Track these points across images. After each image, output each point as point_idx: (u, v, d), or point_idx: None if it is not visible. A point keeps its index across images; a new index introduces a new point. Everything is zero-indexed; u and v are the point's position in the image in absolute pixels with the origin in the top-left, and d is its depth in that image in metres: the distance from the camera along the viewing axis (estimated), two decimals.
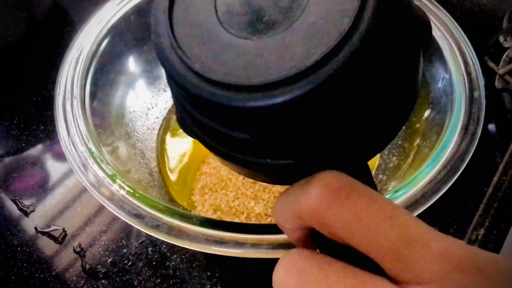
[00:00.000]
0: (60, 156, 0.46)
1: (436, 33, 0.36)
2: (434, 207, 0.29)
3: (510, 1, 0.55)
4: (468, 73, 0.34)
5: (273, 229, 0.27)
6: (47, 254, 0.39)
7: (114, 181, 0.30)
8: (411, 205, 0.28)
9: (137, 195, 0.29)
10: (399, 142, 0.39)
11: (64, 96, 0.34)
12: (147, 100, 0.45)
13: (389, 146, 0.40)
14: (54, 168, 0.45)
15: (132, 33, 0.42)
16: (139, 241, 0.39)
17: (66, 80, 0.35)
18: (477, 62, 0.35)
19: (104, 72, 0.39)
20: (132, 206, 0.29)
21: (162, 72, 0.46)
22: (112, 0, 0.41)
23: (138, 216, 0.28)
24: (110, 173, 0.31)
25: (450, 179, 0.29)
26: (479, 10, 0.55)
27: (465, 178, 0.30)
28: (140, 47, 0.43)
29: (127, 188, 0.30)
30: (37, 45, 0.55)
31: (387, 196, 0.28)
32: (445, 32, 0.36)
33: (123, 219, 0.29)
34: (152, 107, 0.45)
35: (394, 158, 0.39)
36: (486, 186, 0.40)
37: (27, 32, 0.54)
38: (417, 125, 0.37)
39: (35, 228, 0.40)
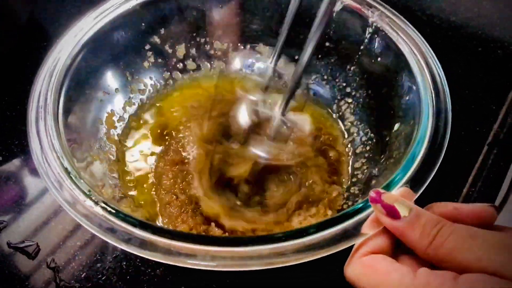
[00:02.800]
0: (34, 172, 0.45)
1: (404, 48, 0.38)
2: None
3: (478, 19, 0.57)
4: (435, 87, 0.35)
5: (245, 241, 0.28)
6: (20, 270, 0.38)
7: (87, 196, 0.30)
8: None
9: (109, 209, 0.29)
10: (371, 155, 0.40)
11: (37, 111, 0.34)
12: (121, 115, 0.45)
13: (363, 160, 0.41)
14: (28, 183, 0.44)
15: (108, 48, 0.42)
16: (113, 255, 0.38)
17: (40, 95, 0.35)
18: (444, 76, 0.36)
19: (79, 87, 0.39)
20: (105, 220, 0.29)
21: (138, 87, 0.46)
22: (88, 15, 0.41)
23: (111, 230, 0.28)
24: (83, 188, 0.30)
25: (419, 189, 0.30)
26: (449, 27, 0.56)
27: (436, 190, 0.31)
28: (115, 62, 0.44)
29: (100, 203, 0.29)
30: (13, 60, 0.54)
31: (358, 207, 0.29)
32: (413, 47, 0.38)
33: (96, 233, 0.28)
34: None
35: (366, 170, 0.40)
36: (456, 198, 0.41)
37: (2, 47, 0.53)
38: (387, 138, 0.38)
39: (8, 244, 0.40)
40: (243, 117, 0.39)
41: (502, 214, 0.53)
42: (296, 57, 0.41)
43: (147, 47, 0.46)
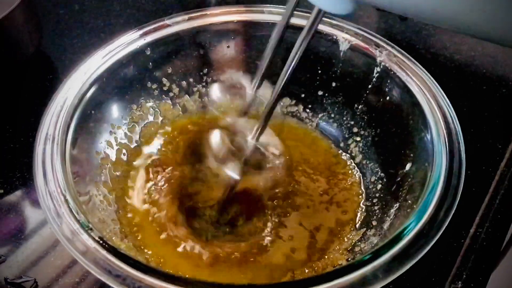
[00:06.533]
0: (35, 205, 0.45)
1: (414, 88, 0.38)
2: None
3: (482, 57, 0.58)
4: (448, 127, 0.35)
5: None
6: None
7: (94, 239, 0.29)
8: (396, 261, 0.28)
9: (118, 255, 0.28)
10: (382, 195, 0.40)
11: (44, 148, 0.34)
12: (126, 149, 0.45)
13: (374, 200, 0.41)
14: (29, 216, 0.44)
15: (114, 86, 0.42)
16: None
17: (48, 131, 0.35)
18: (455, 116, 0.36)
19: (85, 124, 0.39)
20: (113, 267, 0.28)
21: (143, 122, 0.46)
22: (96, 53, 0.41)
23: (119, 277, 0.27)
24: (87, 229, 0.30)
25: (436, 233, 0.29)
26: (454, 66, 0.57)
27: (443, 230, 0.30)
28: (121, 96, 0.44)
29: (107, 246, 0.29)
30: (18, 91, 0.54)
31: (371, 253, 0.28)
32: (423, 87, 0.38)
33: (104, 280, 0.28)
34: None
35: (378, 211, 0.39)
36: (463, 238, 0.41)
37: (7, 78, 0.54)
38: (398, 179, 0.38)
39: (5, 279, 0.39)
40: (217, 142, 0.39)
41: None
42: None
43: (155, 85, 0.46)
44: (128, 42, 0.42)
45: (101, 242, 0.29)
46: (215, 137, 0.39)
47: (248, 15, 0.45)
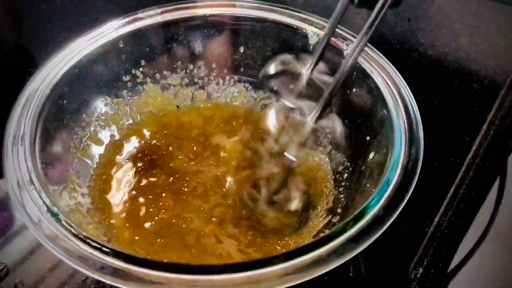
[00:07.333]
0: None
1: (378, 79, 0.39)
2: (377, 245, 0.30)
3: (455, 53, 0.59)
4: (408, 117, 0.36)
5: (219, 269, 0.28)
6: None
7: (59, 222, 0.30)
8: (354, 241, 0.29)
9: (81, 236, 0.29)
10: (347, 184, 0.41)
11: (13, 141, 0.35)
12: (100, 141, 0.46)
13: (340, 189, 0.42)
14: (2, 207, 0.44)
15: (88, 75, 0.43)
16: (83, 279, 0.38)
17: (18, 123, 0.36)
18: (416, 105, 0.37)
19: (57, 115, 0.39)
20: (77, 248, 0.29)
21: (118, 115, 0.47)
22: (69, 45, 0.42)
23: (82, 258, 0.28)
24: (55, 213, 0.31)
25: (393, 213, 0.30)
26: (427, 61, 0.58)
27: (409, 218, 0.31)
28: (95, 88, 0.44)
29: (71, 229, 0.30)
30: None
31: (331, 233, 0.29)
32: (386, 78, 0.39)
33: (67, 261, 0.28)
34: None
35: (343, 199, 0.40)
36: (427, 227, 0.42)
37: None
38: (363, 167, 0.39)
39: None
40: (275, 122, 0.41)
41: (484, 244, 0.54)
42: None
43: (128, 77, 0.47)
44: (101, 34, 0.43)
45: (67, 226, 0.30)
46: (273, 117, 0.41)
47: (220, 9, 0.46)
